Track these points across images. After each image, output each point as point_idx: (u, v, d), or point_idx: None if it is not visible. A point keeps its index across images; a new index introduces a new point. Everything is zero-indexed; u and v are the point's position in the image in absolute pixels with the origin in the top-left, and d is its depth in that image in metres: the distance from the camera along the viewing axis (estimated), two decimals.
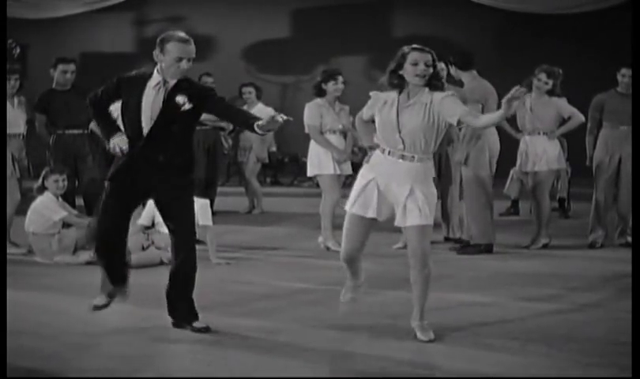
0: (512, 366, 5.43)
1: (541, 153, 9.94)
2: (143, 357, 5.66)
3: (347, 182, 11.71)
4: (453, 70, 9.67)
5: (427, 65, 5.84)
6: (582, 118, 9.97)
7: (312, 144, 9.83)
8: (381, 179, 5.93)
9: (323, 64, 15.60)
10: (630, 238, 10.02)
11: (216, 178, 13.02)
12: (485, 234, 9.58)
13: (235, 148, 13.48)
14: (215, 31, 19.49)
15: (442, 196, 10.23)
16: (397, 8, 19.65)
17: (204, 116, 6.48)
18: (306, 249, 9.90)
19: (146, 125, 6.10)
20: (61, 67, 10.50)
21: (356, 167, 6.61)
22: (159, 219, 9.21)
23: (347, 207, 6.06)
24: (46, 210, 9.24)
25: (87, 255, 9.01)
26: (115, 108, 6.40)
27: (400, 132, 5.85)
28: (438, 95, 5.87)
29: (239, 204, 13.48)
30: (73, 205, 9.90)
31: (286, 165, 18.87)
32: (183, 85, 6.12)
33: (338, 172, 9.73)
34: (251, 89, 13.49)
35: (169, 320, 6.32)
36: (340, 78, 9.78)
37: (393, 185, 5.89)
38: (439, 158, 9.98)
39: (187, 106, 6.06)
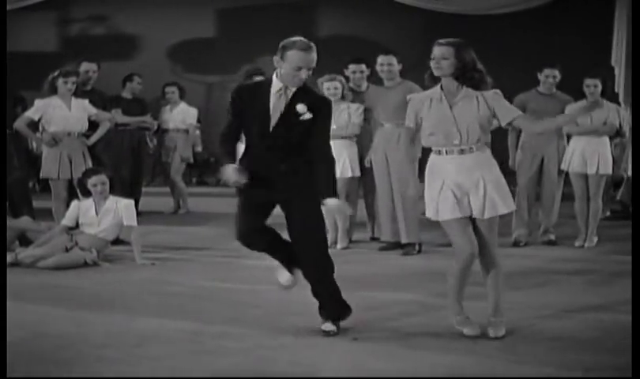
0: (434, 364, 5.48)
1: None
2: (69, 359, 5.60)
3: None
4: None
5: (444, 59, 5.91)
6: None
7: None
8: (449, 180, 5.90)
9: (248, 63, 15.57)
10: (552, 237, 10.20)
11: (141, 178, 12.95)
12: (414, 233, 9.62)
13: (160, 147, 13.39)
14: (139, 30, 19.34)
15: (366, 195, 10.29)
16: (321, 8, 19.69)
17: (127, 118, 6.38)
18: (231, 249, 9.83)
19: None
20: None
21: None
22: (83, 220, 9.16)
23: (428, 214, 6.05)
24: None
25: (9, 257, 8.90)
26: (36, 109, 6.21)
27: (457, 124, 5.88)
28: (488, 92, 5.95)
29: (164, 205, 13.42)
30: None
31: (212, 165, 18.77)
32: (303, 93, 5.96)
33: None
34: (174, 89, 13.44)
35: (95, 321, 6.25)
36: (259, 78, 9.77)
37: (464, 180, 5.88)
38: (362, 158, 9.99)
39: (307, 115, 5.90)
